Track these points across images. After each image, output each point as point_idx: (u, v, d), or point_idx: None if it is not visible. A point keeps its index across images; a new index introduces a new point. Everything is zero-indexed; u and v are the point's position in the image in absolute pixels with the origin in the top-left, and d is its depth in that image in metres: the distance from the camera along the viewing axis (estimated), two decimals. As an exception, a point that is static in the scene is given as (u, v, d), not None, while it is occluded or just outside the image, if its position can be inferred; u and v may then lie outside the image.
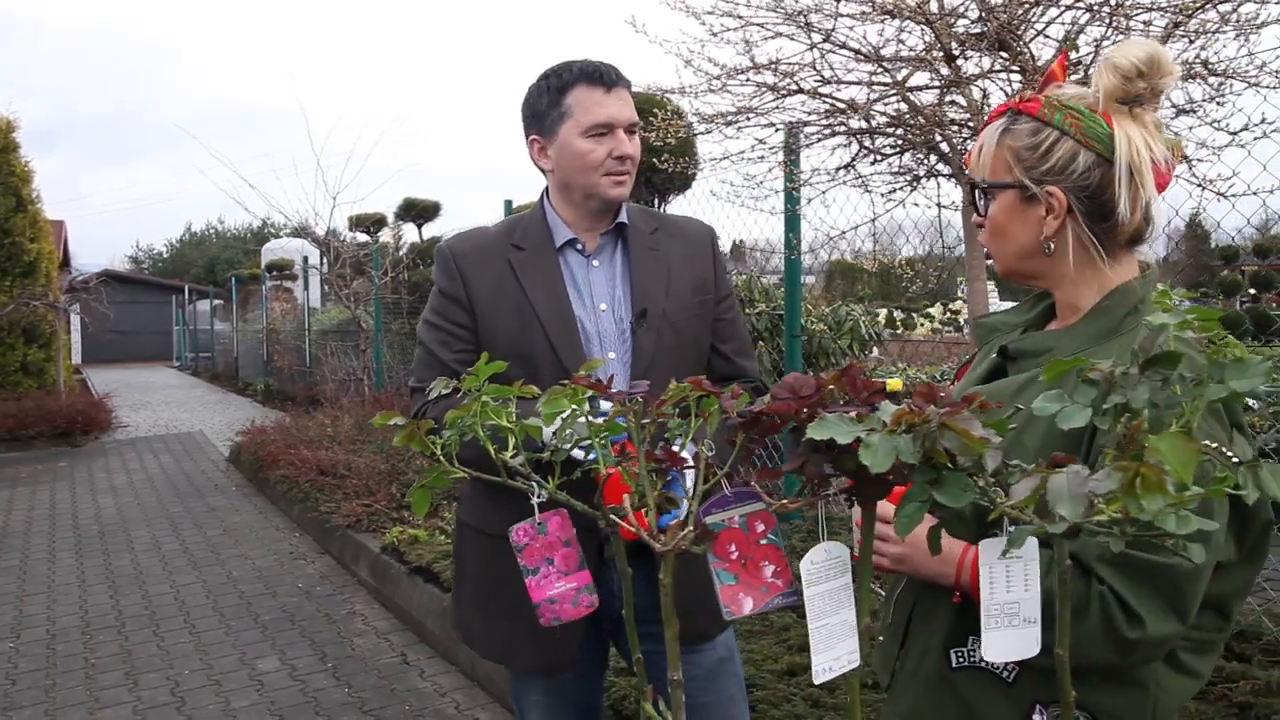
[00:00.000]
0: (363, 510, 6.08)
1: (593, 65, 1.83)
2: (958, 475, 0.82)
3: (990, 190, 1.32)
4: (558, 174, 1.86)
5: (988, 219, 1.34)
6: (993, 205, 1.33)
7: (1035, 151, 1.28)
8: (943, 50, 2.80)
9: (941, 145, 2.92)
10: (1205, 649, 1.27)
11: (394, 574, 5.11)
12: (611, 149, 1.80)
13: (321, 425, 8.61)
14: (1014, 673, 1.27)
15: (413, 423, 1.15)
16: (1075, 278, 1.32)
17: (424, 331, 1.91)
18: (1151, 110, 1.27)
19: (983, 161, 1.32)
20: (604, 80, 1.80)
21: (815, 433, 0.84)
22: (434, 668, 4.27)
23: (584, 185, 1.82)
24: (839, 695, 2.82)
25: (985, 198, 1.33)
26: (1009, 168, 1.30)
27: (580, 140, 1.80)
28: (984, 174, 1.33)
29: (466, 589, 1.96)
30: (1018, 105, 1.32)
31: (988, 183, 1.32)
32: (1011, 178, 1.30)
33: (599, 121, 1.79)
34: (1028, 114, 1.29)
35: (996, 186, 1.31)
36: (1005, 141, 1.30)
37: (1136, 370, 0.86)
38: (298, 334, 14.60)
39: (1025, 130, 1.29)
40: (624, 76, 1.86)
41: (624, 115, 1.81)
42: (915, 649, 1.39)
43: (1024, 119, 1.30)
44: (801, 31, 3.03)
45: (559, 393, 1.05)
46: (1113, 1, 2.71)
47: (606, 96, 1.79)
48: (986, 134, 1.33)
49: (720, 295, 1.98)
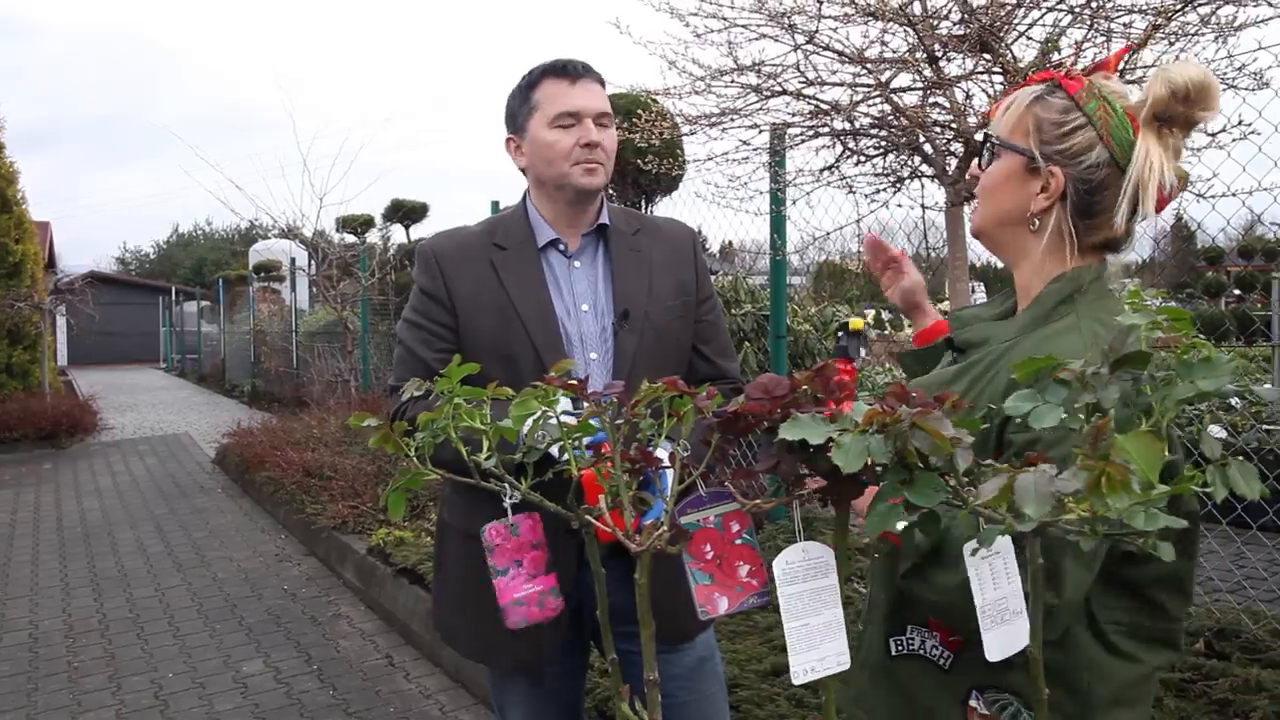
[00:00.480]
0: (349, 512, 6.06)
1: (559, 60, 1.85)
2: (929, 475, 0.83)
3: (999, 149, 1.32)
4: (531, 169, 1.88)
5: (985, 174, 1.34)
6: (995, 163, 1.32)
7: (1059, 128, 1.27)
8: (925, 52, 2.81)
9: (925, 147, 2.93)
10: (1139, 634, 1.26)
11: (379, 575, 5.09)
12: (579, 137, 1.80)
13: (308, 427, 8.58)
14: (950, 659, 1.29)
15: (386, 425, 1.15)
16: (1039, 262, 1.31)
17: (404, 330, 1.91)
18: (1181, 137, 1.25)
19: (1006, 119, 1.31)
20: (568, 72, 1.81)
21: (787, 433, 0.84)
22: (419, 669, 4.26)
23: (555, 176, 1.83)
24: (823, 695, 2.83)
25: (992, 153, 1.33)
26: (1027, 134, 1.29)
27: (547, 131, 1.81)
28: (1002, 131, 1.32)
29: (447, 588, 1.96)
30: (1061, 79, 1.31)
31: (1000, 140, 1.31)
32: (1025, 144, 1.29)
33: (564, 110, 1.79)
34: (1066, 90, 1.28)
35: (1007, 147, 1.31)
36: (1034, 108, 1.29)
37: (1107, 370, 0.87)
38: (285, 335, 14.55)
39: (1057, 105, 1.28)
40: (593, 71, 1.87)
41: (591, 105, 1.81)
42: (865, 637, 1.42)
43: (1060, 94, 1.28)
44: (785, 33, 3.04)
45: (529, 394, 1.05)
46: (1094, 4, 2.72)
47: (572, 88, 1.81)
48: (1021, 94, 1.32)
49: (702, 296, 1.98)
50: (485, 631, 1.86)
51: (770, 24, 3.03)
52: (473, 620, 1.88)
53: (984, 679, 1.24)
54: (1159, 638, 1.27)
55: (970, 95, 2.87)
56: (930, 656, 1.29)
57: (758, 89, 3.08)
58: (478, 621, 1.87)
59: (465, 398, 1.11)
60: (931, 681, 1.28)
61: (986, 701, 1.24)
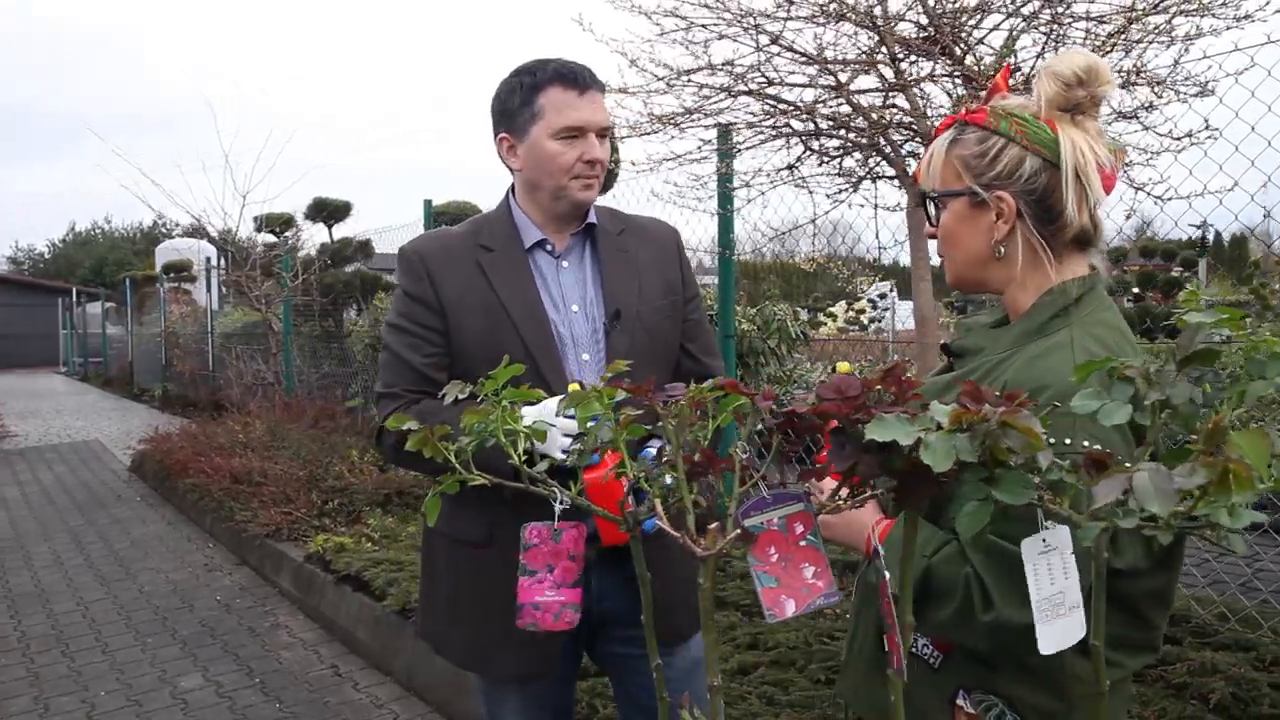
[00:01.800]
0: (282, 518, 5.89)
1: (567, 66, 1.80)
2: (1017, 473, 0.83)
3: (941, 199, 1.36)
4: (526, 173, 1.83)
5: (940, 227, 1.37)
6: (944, 214, 1.36)
7: (984, 159, 1.31)
8: (888, 54, 2.86)
9: (885, 148, 2.98)
10: (1123, 645, 1.28)
11: (319, 583, 4.96)
12: (582, 153, 1.77)
13: (232, 431, 8.31)
14: (940, 659, 1.31)
15: (426, 429, 1.12)
16: (1021, 280, 1.34)
17: (390, 335, 1.85)
18: (1092, 118, 1.31)
19: (932, 172, 1.36)
20: (578, 83, 1.77)
21: (876, 433, 0.84)
22: (368, 679, 4.16)
23: (553, 187, 1.80)
24: (793, 692, 2.85)
25: (937, 207, 1.37)
26: (958, 176, 1.33)
27: (551, 142, 1.77)
28: (934, 184, 1.36)
29: (437, 596, 1.91)
30: (965, 117, 1.36)
31: (938, 191, 1.35)
32: (961, 185, 1.33)
33: (571, 124, 1.76)
34: (974, 124, 1.33)
35: (947, 195, 1.35)
36: (954, 151, 1.33)
37: (1173, 368, 0.89)
38: (200, 337, 14.08)
39: (973, 139, 1.32)
40: (597, 79, 1.83)
41: (596, 119, 1.78)
42: (860, 630, 1.44)
43: (971, 129, 1.33)
44: (746, 33, 3.05)
45: (585, 395, 1.03)
46: (1048, 12, 2.80)
47: (580, 99, 1.77)
48: (935, 145, 1.37)
49: (688, 295, 1.98)
50: (482, 639, 1.82)
51: (733, 24, 3.04)
52: (468, 627, 1.84)
53: (971, 680, 1.27)
54: (1141, 645, 1.31)
55: (930, 97, 2.92)
56: (921, 655, 1.31)
57: (720, 88, 3.09)
58: (473, 629, 1.83)
59: (513, 400, 1.08)
60: (920, 679, 1.29)
61: (973, 702, 1.27)
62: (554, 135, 1.76)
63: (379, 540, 5.21)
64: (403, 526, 5.49)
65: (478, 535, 1.81)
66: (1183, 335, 0.89)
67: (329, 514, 5.94)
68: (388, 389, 1.83)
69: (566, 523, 1.16)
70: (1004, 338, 1.33)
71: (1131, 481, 0.72)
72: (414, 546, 4.94)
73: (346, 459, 6.96)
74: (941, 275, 1.80)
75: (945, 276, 1.43)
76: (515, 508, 1.66)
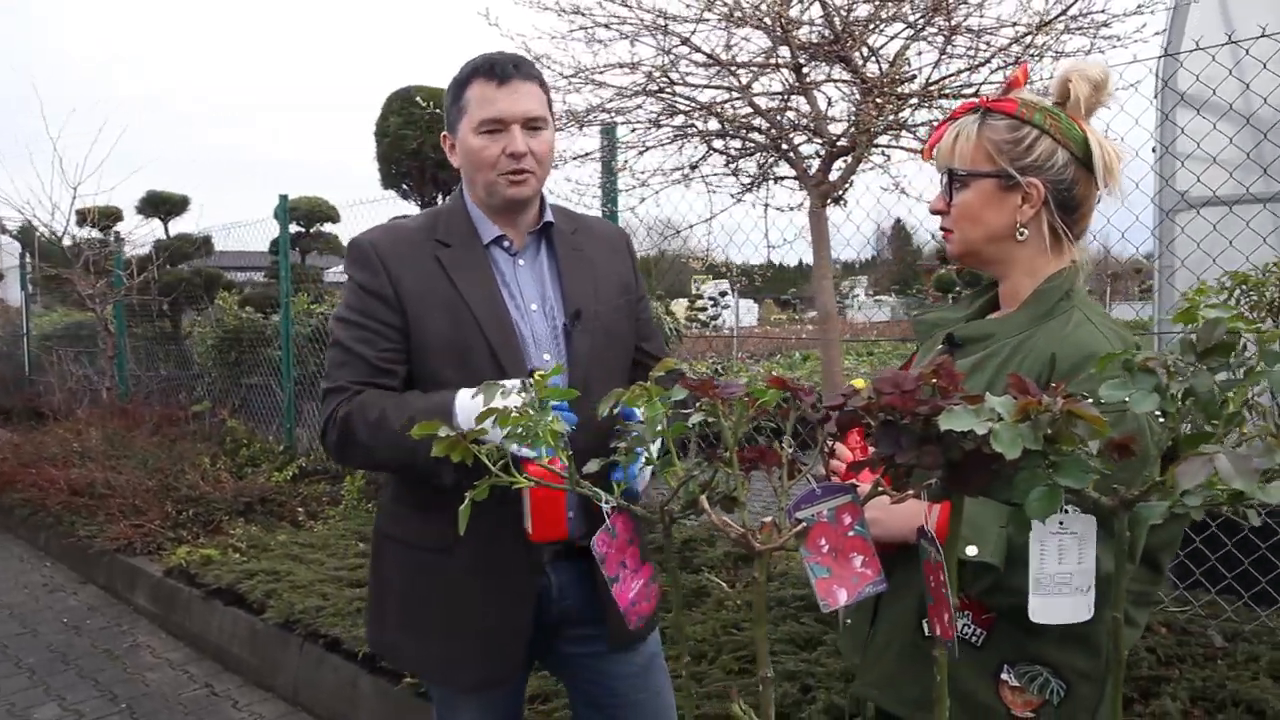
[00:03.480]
0: (133, 532, 5.51)
1: (488, 58, 1.75)
2: (1077, 458, 0.89)
3: (969, 178, 1.43)
4: (463, 170, 1.81)
5: (958, 204, 1.45)
6: (966, 192, 1.44)
7: (1018, 145, 1.41)
8: (791, 59, 2.95)
9: (787, 150, 3.07)
10: (1142, 601, 1.42)
11: (184, 599, 4.68)
12: (504, 146, 1.72)
13: (64, 440, 7.70)
14: (982, 636, 1.38)
15: (458, 434, 1.09)
16: (1027, 265, 1.46)
17: (342, 330, 1.77)
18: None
19: (960, 151, 1.43)
20: (496, 74, 1.72)
21: (951, 424, 0.88)
22: (247, 696, 3.96)
23: (484, 182, 1.77)
24: (707, 684, 2.90)
25: (959, 185, 1.44)
26: (990, 158, 1.42)
27: (474, 137, 1.74)
28: (962, 163, 1.43)
29: (388, 605, 1.84)
30: (990, 104, 1.44)
31: (968, 170, 1.43)
32: (994, 167, 1.41)
33: (488, 117, 1.72)
34: (1003, 112, 1.42)
35: (978, 174, 1.43)
36: (985, 135, 1.42)
37: (1194, 359, 0.97)
38: (13, 340, 12.98)
39: (1003, 126, 1.42)
40: (525, 69, 1.77)
41: (516, 110, 1.72)
42: (886, 623, 1.48)
43: (998, 116, 1.43)
44: (651, 34, 3.08)
45: (643, 391, 1.03)
46: (935, 26, 2.96)
47: (498, 91, 1.72)
48: (963, 126, 1.44)
49: (640, 294, 1.99)
50: (442, 649, 1.77)
51: (638, 25, 3.06)
52: (426, 637, 1.78)
53: (1013, 654, 1.34)
54: (1150, 601, 1.43)
55: (832, 101, 3.03)
56: (963, 635, 1.37)
57: (625, 89, 3.11)
58: (432, 639, 1.78)
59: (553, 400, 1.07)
60: (964, 658, 1.35)
61: (1017, 674, 1.34)
62: (476, 130, 1.73)
63: (247, 551, 4.95)
64: (270, 535, 5.24)
65: (436, 541, 1.76)
66: (1202, 329, 0.97)
67: (184, 525, 5.61)
68: (336, 384, 1.75)
69: (614, 516, 1.14)
70: (1011, 322, 1.43)
71: (1215, 464, 0.78)
72: (287, 555, 4.74)
73: (199, 467, 6.59)
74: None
75: (947, 249, 1.50)
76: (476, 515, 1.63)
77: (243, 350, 8.41)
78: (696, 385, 0.97)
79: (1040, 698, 1.35)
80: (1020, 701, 1.35)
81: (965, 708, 1.35)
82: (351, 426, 1.68)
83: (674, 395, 1.02)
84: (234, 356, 8.44)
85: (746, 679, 2.90)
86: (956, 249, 1.49)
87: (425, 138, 7.54)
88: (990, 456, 0.92)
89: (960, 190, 1.44)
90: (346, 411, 1.70)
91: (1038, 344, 1.37)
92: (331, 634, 3.68)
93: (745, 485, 1.01)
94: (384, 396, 1.71)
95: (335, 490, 6.14)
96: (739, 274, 4.07)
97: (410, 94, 7.80)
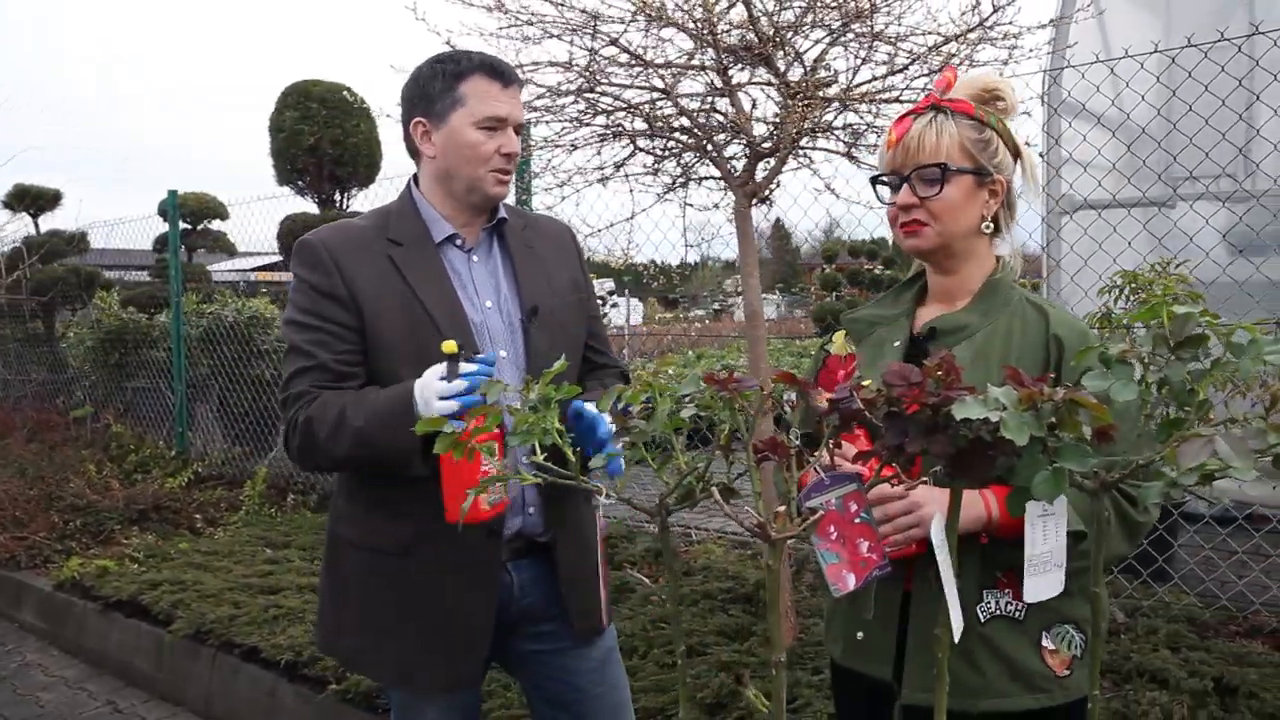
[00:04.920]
0: (16, 545, 5.22)
1: (491, 59, 1.79)
2: (1077, 444, 0.95)
3: (955, 173, 1.50)
4: (441, 161, 1.78)
5: (943, 199, 1.50)
6: (950, 187, 1.50)
7: (986, 145, 1.52)
8: (716, 60, 3.01)
9: (711, 150, 3.12)
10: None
11: (78, 613, 4.46)
12: (500, 145, 1.75)
13: (-74, 450, 7.22)
14: (1023, 610, 1.46)
15: (454, 433, 1.09)
16: (980, 258, 1.59)
17: (295, 333, 1.74)
18: None
19: (946, 148, 1.49)
20: (502, 76, 1.76)
21: (963, 413, 0.93)
22: (156, 712, 3.80)
23: (469, 177, 1.76)
24: (642, 678, 2.94)
25: (946, 180, 1.49)
26: (968, 155, 1.50)
27: (472, 130, 1.74)
28: (950, 159, 1.49)
29: (347, 612, 1.81)
30: (950, 104, 1.53)
31: (957, 166, 1.49)
32: (972, 164, 1.50)
33: (494, 115, 1.74)
34: (962, 113, 1.51)
35: (965, 170, 1.50)
36: (961, 133, 1.50)
37: (1168, 352, 1.05)
38: None
39: (968, 125, 1.51)
40: (518, 77, 1.85)
41: (515, 114, 1.78)
42: (926, 623, 1.44)
43: (961, 117, 1.51)
44: (576, 33, 3.09)
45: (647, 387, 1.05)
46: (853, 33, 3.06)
47: (503, 92, 1.75)
48: (941, 124, 1.51)
49: (589, 291, 2.01)
50: (406, 652, 1.75)
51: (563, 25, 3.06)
52: (388, 641, 1.76)
53: (1048, 620, 1.45)
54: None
55: (756, 103, 3.10)
56: (1006, 613, 1.44)
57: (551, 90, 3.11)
58: (395, 642, 1.75)
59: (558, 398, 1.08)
60: (1014, 633, 1.45)
61: (1053, 637, 1.45)
62: (476, 124, 1.74)
63: (145, 560, 4.74)
64: (169, 544, 5.03)
65: (397, 543, 1.74)
66: (1174, 322, 1.05)
67: (72, 535, 5.33)
68: (292, 391, 1.71)
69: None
70: (976, 312, 1.53)
71: (1215, 445, 0.85)
72: (190, 564, 4.56)
73: (84, 474, 6.27)
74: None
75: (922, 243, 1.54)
76: (437, 513, 1.62)
77: (126, 351, 8.02)
78: (723, 381, 1.00)
79: (1071, 653, 1.46)
80: (1058, 661, 1.46)
81: (1020, 678, 1.45)
82: (313, 428, 1.65)
83: (684, 389, 1.05)
84: (116, 358, 8.04)
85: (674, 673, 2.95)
86: (930, 242, 1.54)
87: (323, 133, 7.36)
88: (991, 444, 0.98)
89: (946, 185, 1.50)
90: (307, 415, 1.67)
91: (1017, 329, 1.48)
92: (248, 643, 3.56)
93: (758, 477, 1.04)
94: (341, 395, 1.69)
95: (234, 496, 5.94)
96: (657, 272, 4.12)
97: (307, 88, 7.60)
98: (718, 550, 4.31)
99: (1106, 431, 1.00)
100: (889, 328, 1.66)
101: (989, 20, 2.75)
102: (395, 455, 1.61)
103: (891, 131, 1.57)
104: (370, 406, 1.64)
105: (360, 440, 1.62)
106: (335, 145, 7.44)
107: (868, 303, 1.86)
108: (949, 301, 1.61)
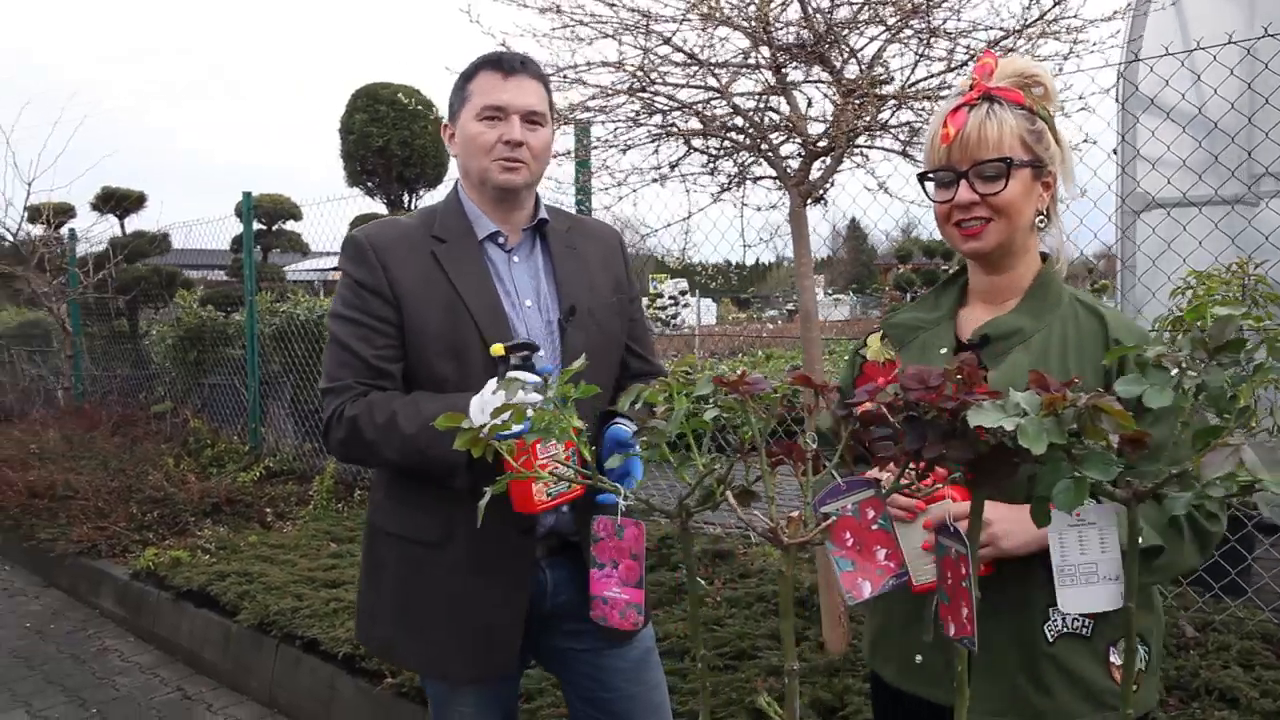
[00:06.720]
0: (97, 534, 5.42)
1: (497, 52, 1.83)
2: (1102, 452, 0.92)
3: (1018, 167, 1.42)
4: (460, 159, 1.84)
5: (1008, 194, 1.42)
6: (1014, 182, 1.42)
7: (1039, 137, 1.44)
8: (771, 58, 2.97)
9: (766, 149, 3.09)
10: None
11: (153, 602, 4.61)
12: (502, 133, 1.76)
13: (19, 442, 7.55)
14: (1090, 626, 1.41)
15: (475, 429, 1.09)
16: (1031, 255, 1.52)
17: (339, 327, 1.77)
18: None
19: (1005, 139, 1.42)
20: (503, 66, 1.78)
21: (979, 420, 0.90)
22: (222, 700, 3.91)
23: (478, 169, 1.80)
24: (691, 680, 2.92)
25: (1007, 175, 1.42)
26: (1026, 148, 1.43)
27: (473, 123, 1.78)
28: (1013, 152, 1.42)
29: (382, 599, 1.84)
30: (1000, 93, 1.45)
31: (1020, 160, 1.42)
32: (1031, 157, 1.44)
33: (491, 104, 1.76)
34: (1014, 102, 1.44)
35: (1025, 164, 1.43)
36: (1018, 125, 1.43)
37: (1205, 356, 1.00)
38: (-37, 339, 12.67)
39: (1023, 116, 1.44)
40: (530, 67, 1.83)
41: (519, 101, 1.77)
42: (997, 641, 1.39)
43: (1014, 106, 1.44)
44: (630, 33, 3.09)
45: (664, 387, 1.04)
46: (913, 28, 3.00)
47: (504, 82, 1.77)
48: (1001, 114, 1.43)
49: (632, 294, 2.00)
50: (440, 643, 1.77)
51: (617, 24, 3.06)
52: (423, 632, 1.78)
53: (1118, 634, 1.39)
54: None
55: (811, 102, 3.06)
56: (1074, 630, 1.40)
57: (604, 89, 3.11)
58: (430, 633, 1.78)
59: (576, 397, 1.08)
60: (1082, 650, 1.40)
61: (1118, 652, 1.40)
62: (477, 116, 1.77)
63: (216, 552, 4.89)
64: (239, 537, 5.17)
65: (433, 535, 1.76)
66: (1213, 326, 1.00)
67: (150, 527, 5.52)
68: (336, 383, 1.75)
69: (628, 519, 1.16)
70: (1027, 314, 1.47)
71: (1241, 455, 0.81)
72: (258, 557, 4.68)
73: (162, 467, 6.49)
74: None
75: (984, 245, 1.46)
76: (472, 506, 1.63)
77: (204, 349, 8.29)
78: (732, 383, 0.98)
79: (1137, 667, 1.41)
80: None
81: (1087, 697, 1.40)
82: (359, 426, 1.68)
83: (699, 390, 1.04)
84: (194, 355, 8.32)
85: (728, 675, 2.92)
86: (992, 240, 1.46)
87: (391, 134, 7.50)
88: (1013, 451, 0.95)
89: (1010, 180, 1.42)
90: (354, 413, 1.70)
91: (1072, 333, 1.43)
92: (309, 635, 3.64)
93: (773, 480, 1.02)
94: (390, 398, 1.71)
95: (304, 491, 6.08)
96: (715, 272, 4.09)
97: (376, 91, 7.74)
98: (775, 553, 4.27)
99: (1139, 439, 0.97)
100: (932, 332, 1.60)
101: (1050, 14, 2.67)
102: (442, 469, 1.63)
103: (947, 124, 1.47)
104: (424, 416, 1.63)
105: (409, 448, 1.64)
106: (403, 147, 7.58)
107: (906, 306, 1.81)
108: (995, 301, 1.55)
